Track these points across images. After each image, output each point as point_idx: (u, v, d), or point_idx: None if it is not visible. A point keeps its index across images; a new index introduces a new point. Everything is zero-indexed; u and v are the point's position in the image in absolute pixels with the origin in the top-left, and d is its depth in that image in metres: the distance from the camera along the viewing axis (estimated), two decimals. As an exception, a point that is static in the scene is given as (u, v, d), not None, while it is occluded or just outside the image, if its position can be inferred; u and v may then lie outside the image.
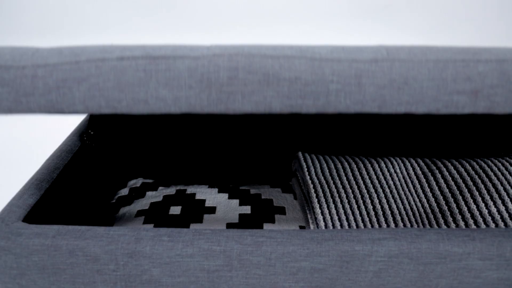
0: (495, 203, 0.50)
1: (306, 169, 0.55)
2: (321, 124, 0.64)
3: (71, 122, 1.15)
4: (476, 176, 0.53)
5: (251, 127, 0.64)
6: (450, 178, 0.54)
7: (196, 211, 0.54)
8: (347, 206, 0.51)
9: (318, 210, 0.50)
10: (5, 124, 1.16)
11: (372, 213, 0.51)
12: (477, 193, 0.52)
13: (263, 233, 0.39)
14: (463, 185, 0.53)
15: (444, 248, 0.39)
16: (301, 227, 0.53)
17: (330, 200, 0.51)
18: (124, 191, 0.61)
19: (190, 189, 0.60)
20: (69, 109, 0.32)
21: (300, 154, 0.59)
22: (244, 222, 0.53)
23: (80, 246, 0.38)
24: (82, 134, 0.57)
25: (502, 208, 0.50)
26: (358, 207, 0.51)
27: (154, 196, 0.58)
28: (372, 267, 0.39)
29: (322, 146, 0.66)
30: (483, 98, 0.33)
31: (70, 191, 0.52)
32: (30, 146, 1.04)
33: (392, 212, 0.51)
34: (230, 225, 0.53)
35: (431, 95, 0.33)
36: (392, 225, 0.50)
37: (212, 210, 0.55)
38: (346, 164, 0.56)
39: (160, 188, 0.61)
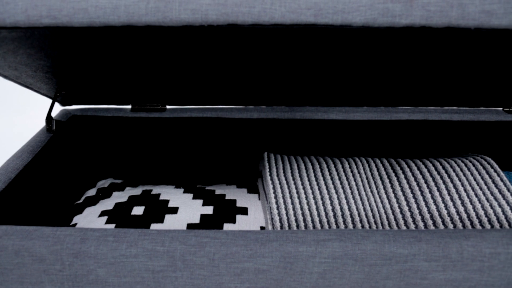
0: (454, 204, 0.50)
1: (268, 169, 0.55)
2: (292, 124, 0.64)
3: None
4: (438, 177, 0.53)
5: (224, 127, 0.65)
6: (413, 179, 0.54)
7: (158, 211, 0.54)
8: (305, 207, 0.51)
9: (275, 211, 0.50)
10: (-8, 125, 1.17)
11: (331, 214, 0.50)
12: (438, 194, 0.51)
13: (207, 234, 0.39)
14: (425, 185, 0.53)
15: (389, 250, 0.39)
16: (262, 228, 0.53)
17: (289, 201, 0.51)
18: (92, 192, 0.62)
19: (156, 190, 0.60)
20: (10, 19, 0.33)
21: (265, 154, 0.59)
22: (204, 223, 0.53)
23: (26, 246, 0.39)
24: (48, 120, 0.57)
25: (461, 209, 0.50)
26: (317, 208, 0.51)
27: (119, 197, 0.59)
28: (316, 268, 0.39)
29: (293, 147, 0.66)
30: (418, 8, 0.33)
31: (29, 192, 0.52)
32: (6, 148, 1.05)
33: (351, 213, 0.51)
34: (190, 226, 0.53)
35: (366, 3, 0.33)
36: (350, 226, 0.50)
37: (175, 210, 0.55)
38: (309, 165, 0.56)
39: (127, 188, 0.61)
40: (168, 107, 0.65)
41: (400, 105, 0.63)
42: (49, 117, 0.56)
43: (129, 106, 0.65)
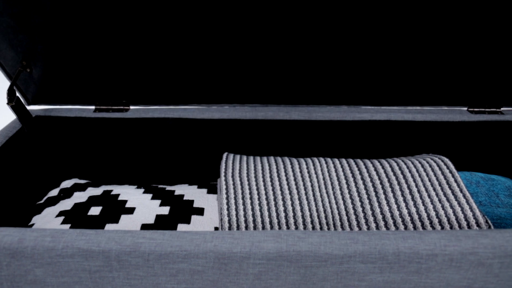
0: (407, 205, 0.50)
1: (223, 170, 0.55)
2: (254, 125, 0.64)
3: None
4: (394, 178, 0.53)
5: (186, 128, 0.65)
6: (369, 180, 0.53)
7: (114, 212, 0.55)
8: (257, 208, 0.50)
9: (225, 212, 0.50)
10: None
11: (282, 214, 0.50)
12: (392, 194, 0.51)
13: (144, 234, 0.39)
14: (380, 186, 0.52)
15: (325, 251, 0.38)
16: (216, 229, 0.53)
17: (240, 202, 0.51)
18: (54, 192, 0.62)
19: (116, 190, 0.60)
20: None
21: (224, 154, 0.59)
22: (159, 223, 0.53)
23: (-37, 246, 0.39)
24: (10, 92, 0.56)
25: (413, 210, 0.49)
26: (269, 209, 0.50)
27: (80, 197, 0.59)
28: (251, 269, 0.39)
29: (255, 147, 0.66)
30: None
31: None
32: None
33: (303, 215, 0.50)
34: (145, 226, 0.53)
35: None
36: (301, 227, 0.50)
37: (131, 210, 0.55)
38: (266, 165, 0.56)
39: (89, 188, 0.62)
40: (131, 107, 0.65)
41: (363, 104, 0.63)
42: (11, 89, 0.56)
43: (93, 107, 0.65)
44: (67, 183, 0.65)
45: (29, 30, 0.51)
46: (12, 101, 0.56)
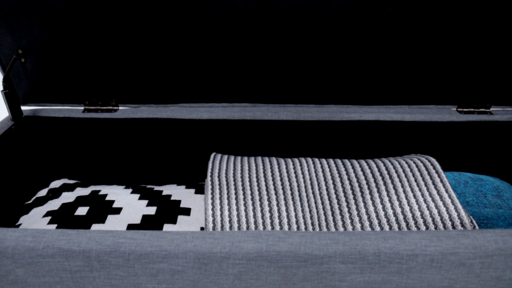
0: (392, 205, 0.50)
1: (210, 170, 0.55)
2: (243, 125, 0.64)
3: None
4: (380, 178, 0.53)
5: (175, 128, 0.65)
6: (355, 180, 0.53)
7: (101, 212, 0.55)
8: (242, 208, 0.50)
9: (209, 212, 0.50)
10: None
11: (267, 215, 0.50)
12: (377, 195, 0.51)
13: (125, 234, 0.40)
14: (366, 187, 0.52)
15: (305, 252, 0.38)
16: (202, 229, 0.53)
17: (225, 202, 0.51)
18: (43, 192, 0.62)
19: (104, 190, 0.60)
20: None
21: (212, 154, 0.59)
22: (145, 223, 0.53)
23: None
24: (6, 79, 0.57)
25: (398, 210, 0.49)
26: (254, 209, 0.50)
27: (67, 197, 0.59)
28: (231, 269, 0.39)
29: (244, 147, 0.66)
30: None
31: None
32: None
33: (288, 214, 0.50)
34: (131, 226, 0.53)
35: None
36: (286, 227, 0.49)
37: (118, 210, 0.55)
38: (253, 166, 0.56)
39: (77, 188, 0.62)
40: (120, 108, 0.65)
41: (351, 104, 0.63)
42: (7, 77, 0.56)
43: (81, 108, 0.66)
44: (56, 183, 0.65)
45: (30, 11, 0.51)
46: (8, 88, 0.57)
